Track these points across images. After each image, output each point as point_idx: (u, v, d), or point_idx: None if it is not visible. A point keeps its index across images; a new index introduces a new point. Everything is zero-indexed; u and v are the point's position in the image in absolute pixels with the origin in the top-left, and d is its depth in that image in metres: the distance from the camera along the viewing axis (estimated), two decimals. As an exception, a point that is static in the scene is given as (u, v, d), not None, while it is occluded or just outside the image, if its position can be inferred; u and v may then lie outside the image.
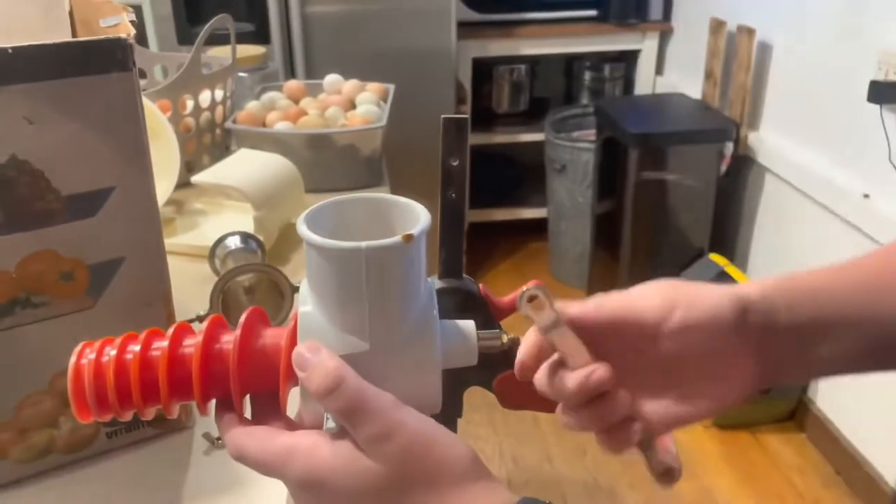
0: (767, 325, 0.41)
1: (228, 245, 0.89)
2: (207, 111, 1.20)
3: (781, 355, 0.42)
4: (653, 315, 0.41)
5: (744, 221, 2.20)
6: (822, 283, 0.43)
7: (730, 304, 0.41)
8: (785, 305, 0.42)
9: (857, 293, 0.43)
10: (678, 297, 0.41)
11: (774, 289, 0.42)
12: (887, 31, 1.58)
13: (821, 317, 0.42)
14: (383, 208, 0.40)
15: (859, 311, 0.42)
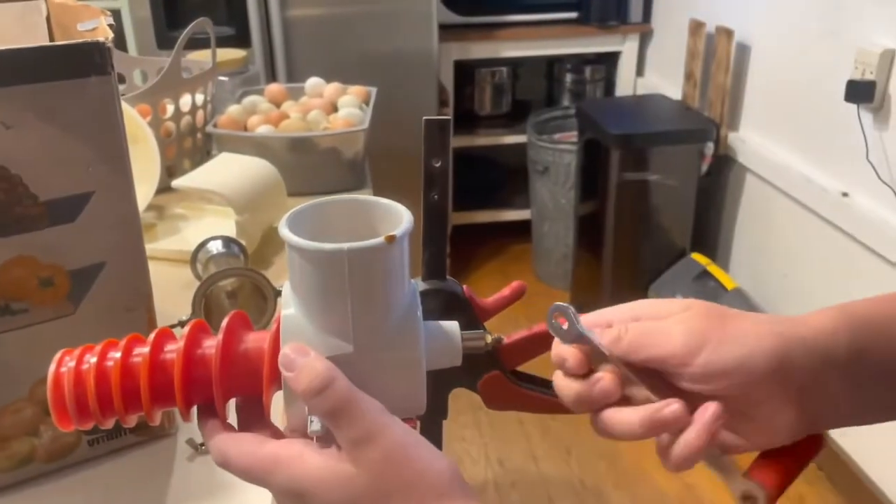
0: (816, 369, 0.38)
1: (210, 250, 0.88)
2: (188, 115, 1.19)
3: (833, 399, 0.39)
4: (673, 357, 0.38)
5: (725, 221, 2.22)
6: (881, 320, 0.40)
7: (771, 350, 0.37)
8: (844, 346, 0.38)
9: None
10: (705, 336, 0.38)
11: (831, 331, 0.38)
12: (863, 31, 1.60)
13: (878, 358, 0.38)
14: (365, 210, 0.40)
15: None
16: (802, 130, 1.86)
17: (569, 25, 2.62)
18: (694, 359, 0.38)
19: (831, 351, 0.38)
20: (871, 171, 1.58)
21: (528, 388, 0.63)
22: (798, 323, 0.39)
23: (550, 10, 2.61)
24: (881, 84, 1.55)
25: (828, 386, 0.38)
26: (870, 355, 0.39)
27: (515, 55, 2.66)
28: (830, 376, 0.38)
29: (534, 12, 2.61)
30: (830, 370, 0.38)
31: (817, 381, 0.38)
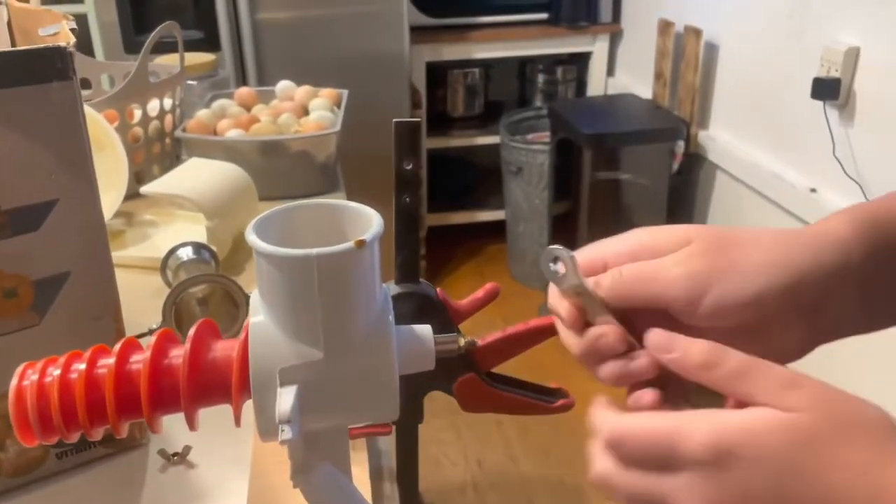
0: (832, 290, 0.36)
1: (180, 256, 0.87)
2: (156, 120, 1.17)
3: (846, 314, 0.38)
4: (676, 302, 0.36)
5: (696, 218, 2.24)
6: (875, 235, 0.38)
7: (780, 282, 0.36)
8: (860, 263, 0.37)
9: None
10: (709, 278, 0.36)
11: (850, 252, 0.37)
12: (829, 29, 1.63)
13: (872, 274, 0.37)
14: (335, 214, 0.39)
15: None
16: (770, 128, 1.89)
17: (540, 26, 2.63)
18: (698, 303, 0.36)
19: (846, 264, 0.37)
20: (838, 166, 1.61)
21: (503, 390, 0.63)
22: (812, 241, 0.37)
23: (521, 11, 2.62)
24: (846, 81, 1.57)
25: (842, 300, 0.37)
26: (883, 258, 0.38)
27: (487, 56, 2.66)
28: (845, 291, 0.37)
29: (505, 13, 2.61)
30: (844, 286, 0.37)
31: (832, 299, 0.37)
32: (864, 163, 1.57)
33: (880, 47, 1.50)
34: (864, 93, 1.55)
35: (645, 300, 0.37)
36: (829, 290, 0.37)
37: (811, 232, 0.38)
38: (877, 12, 1.50)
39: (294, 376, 0.36)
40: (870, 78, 1.54)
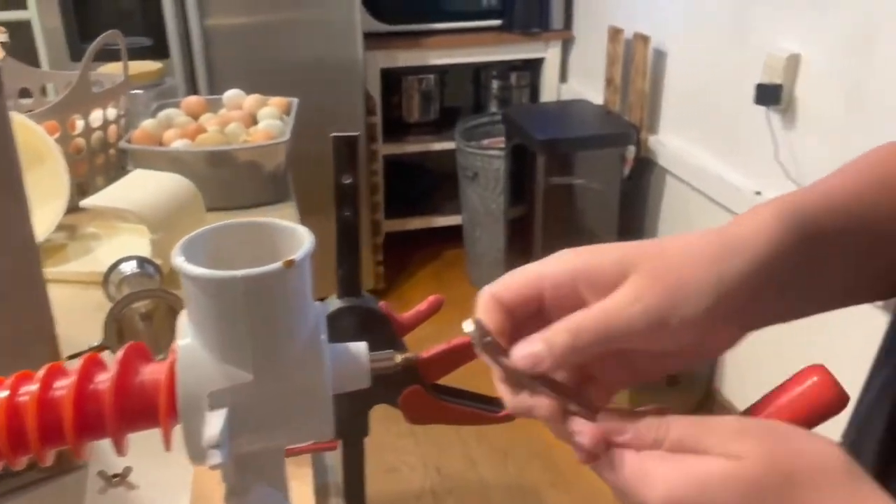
0: (769, 293, 0.37)
1: (123, 270, 0.86)
2: (99, 131, 1.15)
3: (771, 309, 0.38)
4: (639, 341, 0.36)
5: (648, 221, 2.28)
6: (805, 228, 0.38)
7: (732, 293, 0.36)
8: (791, 266, 0.37)
9: (843, 236, 0.40)
10: (666, 310, 0.35)
11: (784, 254, 0.37)
12: (771, 36, 1.67)
13: (816, 262, 0.38)
14: (266, 233, 0.39)
15: (835, 255, 0.39)
16: (717, 133, 1.93)
17: (493, 33, 2.65)
18: (659, 336, 0.36)
19: (776, 265, 0.37)
20: (781, 170, 1.65)
21: (450, 401, 0.63)
22: (742, 246, 0.37)
23: (475, 17, 2.64)
24: (788, 87, 1.62)
25: (771, 296, 0.38)
26: (810, 251, 0.38)
27: (442, 63, 2.67)
28: (774, 287, 0.38)
29: (458, 20, 2.63)
30: (774, 283, 0.37)
31: (762, 297, 0.37)
32: (805, 166, 1.61)
33: (820, 54, 1.55)
34: (804, 98, 1.60)
35: (606, 342, 0.36)
36: (760, 291, 0.37)
37: (740, 235, 0.38)
38: (816, 21, 1.54)
39: (223, 399, 0.36)
40: (810, 84, 1.58)
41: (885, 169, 0.44)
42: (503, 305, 0.39)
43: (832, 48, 1.51)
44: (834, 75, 1.51)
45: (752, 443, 0.32)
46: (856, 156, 0.48)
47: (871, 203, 0.41)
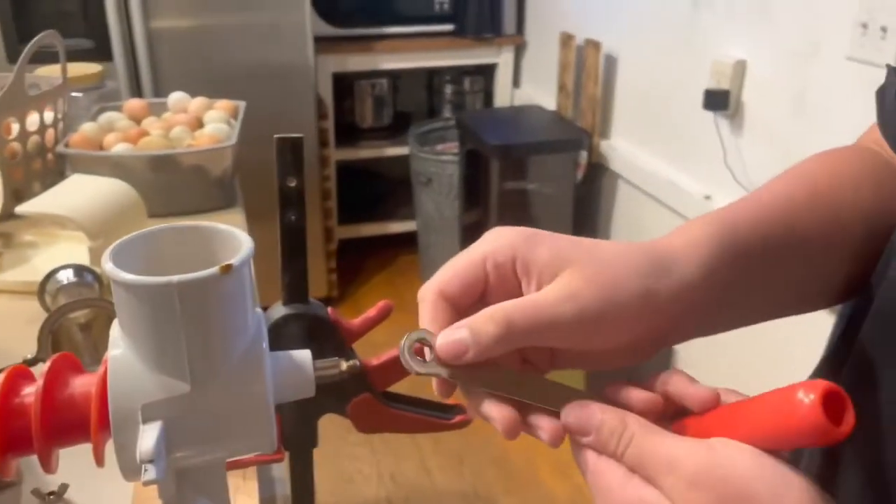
0: (697, 303, 0.37)
1: (60, 279, 0.82)
2: (36, 135, 1.11)
3: (703, 321, 0.39)
4: (569, 332, 0.35)
5: (601, 225, 2.30)
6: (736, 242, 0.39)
7: (665, 297, 0.36)
8: (720, 282, 0.38)
9: (758, 248, 0.40)
10: (602, 310, 0.35)
11: (711, 267, 0.37)
12: (717, 42, 1.71)
13: (743, 279, 0.39)
14: (204, 237, 0.37)
15: (769, 270, 0.40)
16: (667, 137, 1.96)
17: (446, 38, 2.64)
18: (593, 335, 0.36)
19: (708, 283, 0.38)
20: (730, 174, 1.68)
21: (400, 409, 0.61)
22: (675, 262, 0.37)
23: (427, 22, 2.63)
24: (735, 93, 1.65)
25: (703, 311, 0.38)
26: (742, 267, 0.39)
27: (394, 67, 2.66)
28: (706, 303, 0.38)
29: (410, 24, 2.62)
30: (706, 301, 0.38)
31: (694, 312, 0.38)
32: (753, 170, 1.64)
33: (765, 61, 1.58)
34: (751, 103, 1.63)
35: (537, 335, 0.35)
36: (691, 307, 0.38)
37: (671, 255, 0.38)
38: (761, 28, 1.58)
39: (158, 411, 0.34)
40: (756, 89, 1.62)
41: (814, 180, 0.45)
42: (449, 301, 0.38)
43: (777, 55, 1.55)
44: (778, 81, 1.54)
45: (705, 498, 0.31)
46: (800, 160, 0.49)
47: (802, 216, 0.42)
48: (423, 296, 0.38)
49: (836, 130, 1.39)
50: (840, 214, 0.43)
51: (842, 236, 0.43)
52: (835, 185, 0.44)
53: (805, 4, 1.45)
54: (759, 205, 0.42)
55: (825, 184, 0.44)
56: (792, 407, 0.30)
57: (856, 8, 1.32)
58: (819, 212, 0.42)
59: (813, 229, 0.42)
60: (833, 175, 0.45)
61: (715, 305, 0.39)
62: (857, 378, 0.40)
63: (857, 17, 1.32)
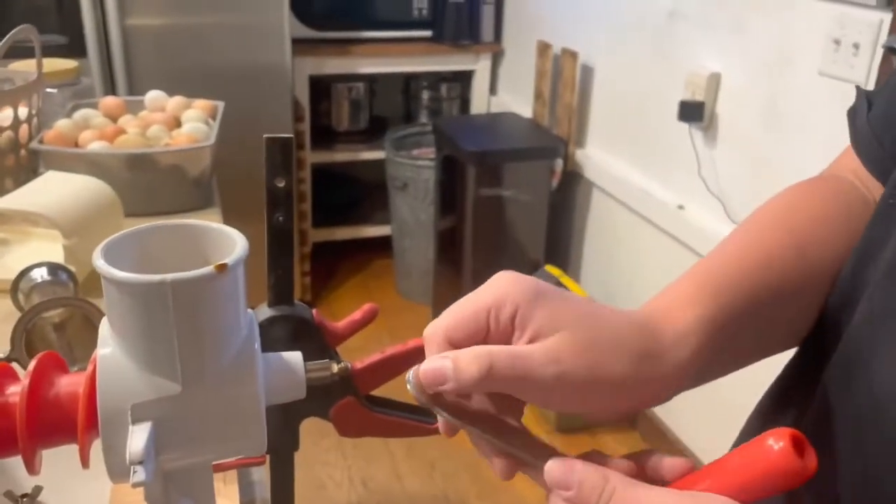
0: (672, 362, 0.39)
1: (34, 277, 0.81)
2: (9, 130, 1.09)
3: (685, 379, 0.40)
4: (548, 393, 0.36)
5: (575, 233, 2.32)
6: (716, 293, 0.41)
7: (651, 364, 0.38)
8: (707, 339, 0.40)
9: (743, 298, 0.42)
10: (580, 369, 0.36)
11: (697, 331, 0.39)
12: (692, 54, 1.73)
13: (714, 330, 0.40)
14: (195, 236, 0.37)
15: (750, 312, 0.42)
16: (641, 147, 1.98)
17: (424, 43, 2.65)
18: (565, 404, 0.37)
19: (692, 368, 0.39)
20: (703, 185, 1.70)
21: (383, 413, 0.61)
22: (659, 351, 0.39)
23: (405, 27, 2.63)
24: (709, 105, 1.67)
25: (687, 372, 0.39)
26: (729, 326, 0.40)
27: (371, 71, 2.66)
28: (691, 378, 0.40)
29: (388, 29, 2.62)
30: (691, 377, 0.39)
31: (682, 375, 0.39)
32: (726, 181, 1.67)
33: (738, 73, 1.61)
34: (725, 115, 1.66)
35: (520, 385, 0.36)
36: (681, 381, 0.39)
37: (664, 343, 0.39)
38: (735, 41, 1.61)
39: (148, 412, 0.34)
40: (730, 102, 1.65)
41: (790, 225, 0.47)
42: (455, 346, 0.38)
43: (750, 67, 1.57)
44: (752, 94, 1.57)
45: None
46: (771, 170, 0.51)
47: (781, 266, 0.44)
48: (430, 338, 0.39)
49: (808, 143, 1.42)
50: (812, 255, 0.45)
51: (817, 278, 0.45)
52: (807, 229, 0.46)
53: (779, 19, 1.48)
54: (742, 260, 0.44)
55: (799, 228, 0.46)
56: (765, 453, 0.33)
57: (829, 24, 1.35)
58: (795, 261, 0.44)
59: (792, 278, 0.44)
60: (808, 218, 0.47)
61: (705, 370, 0.41)
62: (819, 419, 0.42)
63: (829, 33, 1.35)
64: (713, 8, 1.67)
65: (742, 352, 0.43)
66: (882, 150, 0.47)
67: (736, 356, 0.43)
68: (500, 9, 2.68)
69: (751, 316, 0.42)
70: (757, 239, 0.46)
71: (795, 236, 0.45)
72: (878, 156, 0.47)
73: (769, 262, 0.44)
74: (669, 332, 0.39)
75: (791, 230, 0.46)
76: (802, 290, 0.44)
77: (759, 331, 0.43)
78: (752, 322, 0.42)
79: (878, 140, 0.47)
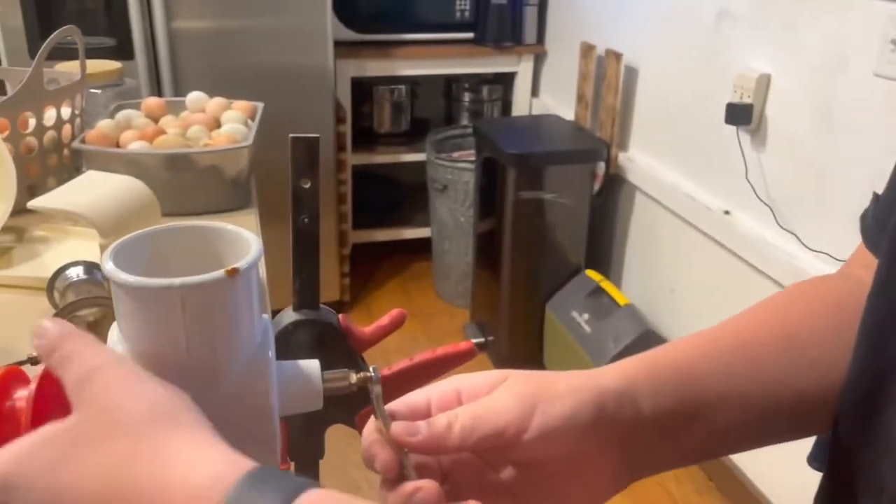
0: (630, 418, 0.39)
1: (70, 276, 0.81)
2: (53, 130, 1.10)
3: (650, 446, 0.40)
4: (510, 424, 0.37)
5: (616, 238, 2.27)
6: (682, 364, 0.41)
7: (591, 402, 0.38)
8: (646, 396, 0.39)
9: (716, 373, 0.41)
10: (535, 398, 0.38)
11: (634, 379, 0.40)
12: (741, 55, 1.68)
13: (685, 402, 0.40)
14: (209, 238, 0.36)
15: (721, 390, 0.41)
16: (687, 151, 1.93)
17: (465, 45, 2.64)
18: (529, 422, 0.37)
19: (634, 404, 0.39)
20: (751, 190, 1.65)
21: (409, 421, 0.60)
22: (603, 375, 0.40)
23: (447, 30, 2.63)
24: (758, 107, 1.62)
25: (644, 433, 0.39)
26: (678, 404, 0.40)
27: (413, 73, 2.65)
28: (645, 424, 0.40)
29: (430, 31, 2.61)
30: (642, 419, 0.40)
31: (634, 429, 0.39)
32: (774, 186, 1.61)
33: (789, 74, 1.56)
34: (774, 119, 1.61)
35: (482, 433, 0.37)
36: (632, 421, 0.39)
37: (603, 370, 0.41)
38: (787, 42, 1.55)
39: (156, 420, 0.32)
40: (780, 104, 1.59)
41: (788, 326, 0.46)
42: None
43: (801, 68, 1.52)
44: (804, 96, 1.52)
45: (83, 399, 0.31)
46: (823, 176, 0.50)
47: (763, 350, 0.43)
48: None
49: (862, 147, 1.36)
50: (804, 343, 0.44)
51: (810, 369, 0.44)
52: (800, 322, 0.46)
53: (832, 19, 1.43)
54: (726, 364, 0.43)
55: (793, 321, 0.46)
56: None
57: (885, 23, 1.29)
58: (791, 358, 0.44)
59: (785, 378, 0.43)
60: (802, 312, 0.47)
61: (660, 439, 0.41)
62: None
63: (886, 33, 1.29)
64: (763, 8, 1.62)
65: (718, 441, 0.43)
66: (884, 233, 0.44)
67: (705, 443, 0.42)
68: (544, 10, 2.65)
69: (728, 413, 0.42)
70: (748, 350, 0.44)
71: (787, 326, 0.45)
72: (881, 240, 0.45)
73: (746, 340, 0.44)
74: (605, 370, 0.41)
75: (790, 340, 0.45)
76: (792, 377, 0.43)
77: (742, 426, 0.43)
78: (733, 416, 0.42)
79: (880, 225, 0.46)
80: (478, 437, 0.37)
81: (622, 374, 0.40)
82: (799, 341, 0.44)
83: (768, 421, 0.43)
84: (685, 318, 1.97)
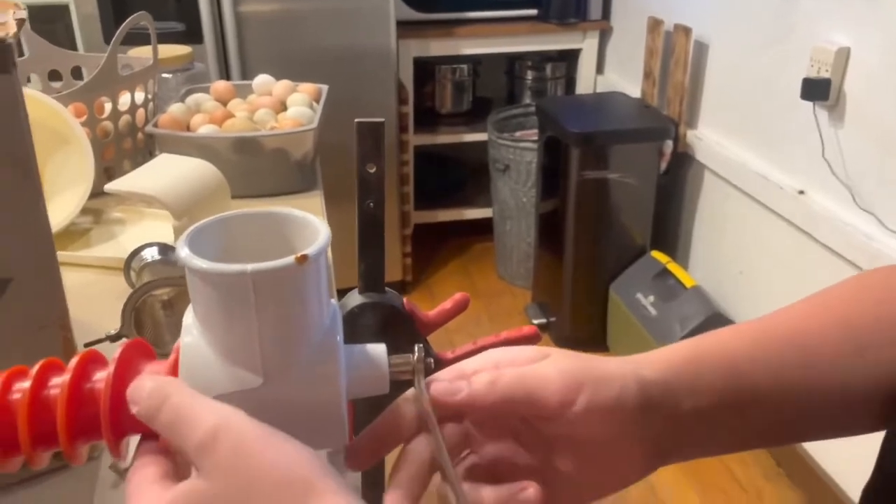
0: (671, 410, 0.38)
1: (145, 257, 0.84)
2: (127, 114, 1.14)
3: (687, 438, 0.39)
4: (554, 398, 0.36)
5: (684, 218, 2.22)
6: (729, 356, 0.40)
7: (636, 390, 0.37)
8: (687, 391, 0.39)
9: (766, 367, 0.40)
10: (583, 378, 0.37)
11: (678, 370, 0.39)
12: (818, 28, 1.61)
13: (729, 395, 0.39)
14: (279, 224, 0.36)
15: (770, 385, 0.40)
16: (759, 128, 1.87)
17: (529, 22, 2.60)
18: (575, 399, 0.36)
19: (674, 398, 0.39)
20: (827, 168, 1.58)
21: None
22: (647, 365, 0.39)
23: (510, 6, 2.59)
24: (836, 82, 1.55)
25: (684, 426, 0.39)
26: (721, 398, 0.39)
27: (476, 52, 2.63)
28: (685, 417, 0.39)
29: (493, 9, 2.58)
30: (682, 412, 0.39)
31: (674, 421, 0.38)
32: (852, 165, 1.54)
33: (871, 48, 1.48)
34: (854, 94, 1.53)
35: (526, 398, 0.37)
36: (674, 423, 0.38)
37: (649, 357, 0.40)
38: (868, 13, 1.47)
39: (229, 404, 0.33)
40: (860, 79, 1.52)
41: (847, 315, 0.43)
42: None
43: (884, 41, 1.44)
44: (885, 69, 1.44)
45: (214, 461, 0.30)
46: None
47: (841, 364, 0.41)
48: None
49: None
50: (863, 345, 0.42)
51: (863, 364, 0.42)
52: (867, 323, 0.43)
53: (921, -13, 1.35)
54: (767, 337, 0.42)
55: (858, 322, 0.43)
56: None
57: (980, -9, 1.21)
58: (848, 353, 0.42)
59: (845, 373, 0.41)
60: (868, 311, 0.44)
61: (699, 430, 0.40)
62: None
63: (981, 1, 1.21)
64: (844, -24, 1.54)
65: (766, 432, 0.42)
66: None
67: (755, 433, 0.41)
68: (610, -16, 2.59)
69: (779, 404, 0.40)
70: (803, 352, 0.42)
71: (852, 329, 0.42)
72: None
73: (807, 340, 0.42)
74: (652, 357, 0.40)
75: (847, 321, 0.43)
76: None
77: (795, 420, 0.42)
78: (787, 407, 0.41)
79: None
80: (522, 396, 0.36)
81: (667, 364, 0.39)
82: (860, 337, 0.41)
83: (815, 419, 0.42)
84: (754, 301, 1.91)
